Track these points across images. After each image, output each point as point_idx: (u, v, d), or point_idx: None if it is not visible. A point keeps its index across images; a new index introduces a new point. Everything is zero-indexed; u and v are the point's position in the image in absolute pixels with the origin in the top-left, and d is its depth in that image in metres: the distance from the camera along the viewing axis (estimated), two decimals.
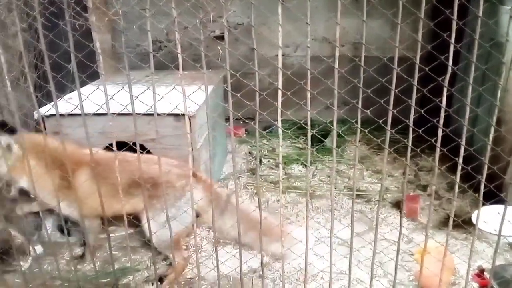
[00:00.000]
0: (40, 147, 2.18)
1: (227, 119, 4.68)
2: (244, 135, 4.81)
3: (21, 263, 2.51)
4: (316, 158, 4.13)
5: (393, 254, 1.97)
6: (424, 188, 3.60)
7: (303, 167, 4.06)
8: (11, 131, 2.33)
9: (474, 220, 2.72)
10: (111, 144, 1.88)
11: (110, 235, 2.14)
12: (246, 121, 2.82)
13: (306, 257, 1.91)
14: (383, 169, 1.74)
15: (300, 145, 4.51)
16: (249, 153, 4.47)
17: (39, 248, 2.81)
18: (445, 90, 1.48)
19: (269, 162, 4.19)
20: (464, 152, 1.65)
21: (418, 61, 1.44)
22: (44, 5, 1.75)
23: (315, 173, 3.96)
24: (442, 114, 1.54)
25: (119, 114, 2.26)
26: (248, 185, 3.74)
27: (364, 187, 3.66)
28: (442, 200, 3.39)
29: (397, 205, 3.35)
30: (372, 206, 3.37)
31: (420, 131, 1.60)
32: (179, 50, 1.56)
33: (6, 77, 1.77)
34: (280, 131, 1.70)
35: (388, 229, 2.95)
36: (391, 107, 1.52)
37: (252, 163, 4.20)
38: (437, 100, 1.52)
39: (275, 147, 4.47)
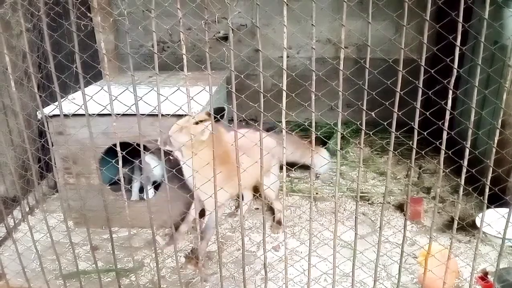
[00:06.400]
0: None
1: (230, 121, 4.66)
2: None
3: None
4: None
5: (397, 256, 1.96)
6: (427, 190, 3.59)
7: (305, 169, 4.04)
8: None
9: (478, 223, 2.71)
10: (114, 145, 1.88)
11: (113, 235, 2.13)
12: (249, 122, 2.82)
13: (310, 259, 1.91)
14: (387, 171, 1.73)
15: None
16: None
17: None
18: (450, 92, 1.47)
19: None
20: (469, 155, 1.64)
21: (423, 63, 1.43)
22: (49, 5, 1.75)
23: (318, 175, 3.95)
24: (447, 116, 1.53)
25: (123, 115, 2.26)
26: None
27: (367, 189, 3.65)
28: (446, 203, 3.37)
29: (400, 207, 3.33)
30: (375, 209, 3.35)
31: (425, 133, 1.59)
32: (184, 51, 1.56)
33: (11, 77, 1.77)
34: (284, 132, 1.69)
35: (392, 231, 2.93)
36: (396, 109, 1.51)
37: None
38: (442, 102, 1.51)
39: None
